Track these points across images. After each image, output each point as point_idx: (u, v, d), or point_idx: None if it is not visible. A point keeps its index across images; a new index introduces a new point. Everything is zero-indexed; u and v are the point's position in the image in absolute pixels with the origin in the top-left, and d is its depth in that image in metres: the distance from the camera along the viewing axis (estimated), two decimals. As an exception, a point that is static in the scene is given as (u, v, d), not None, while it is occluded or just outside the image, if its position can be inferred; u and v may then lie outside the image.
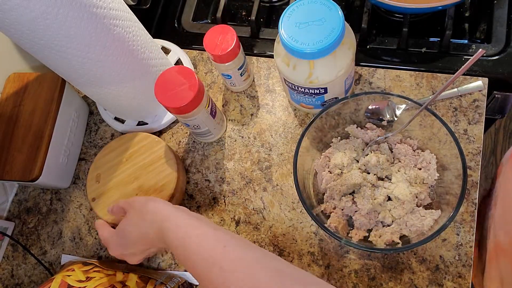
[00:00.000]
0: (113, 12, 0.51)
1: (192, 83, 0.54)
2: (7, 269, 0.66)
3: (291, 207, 0.60)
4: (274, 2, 0.74)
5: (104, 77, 0.55)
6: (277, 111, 0.66)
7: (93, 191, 0.60)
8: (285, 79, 0.55)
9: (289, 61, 0.52)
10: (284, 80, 0.56)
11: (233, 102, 0.68)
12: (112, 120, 0.69)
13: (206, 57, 0.72)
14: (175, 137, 0.68)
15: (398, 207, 0.52)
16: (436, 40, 0.65)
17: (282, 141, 0.64)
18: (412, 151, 0.55)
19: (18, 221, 0.69)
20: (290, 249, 0.58)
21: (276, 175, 0.62)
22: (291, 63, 0.52)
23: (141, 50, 0.57)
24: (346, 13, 0.70)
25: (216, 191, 0.63)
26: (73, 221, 0.67)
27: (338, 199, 0.54)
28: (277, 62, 0.54)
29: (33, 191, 0.70)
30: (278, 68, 0.55)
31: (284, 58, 0.53)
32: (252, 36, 0.72)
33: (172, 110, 0.55)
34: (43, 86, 0.65)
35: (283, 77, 0.55)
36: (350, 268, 0.56)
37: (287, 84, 0.56)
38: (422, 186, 0.53)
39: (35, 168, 0.60)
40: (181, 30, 0.75)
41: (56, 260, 0.65)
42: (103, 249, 0.64)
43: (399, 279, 0.54)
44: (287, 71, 0.53)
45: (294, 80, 0.53)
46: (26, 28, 0.44)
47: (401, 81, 0.63)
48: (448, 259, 0.54)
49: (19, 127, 0.63)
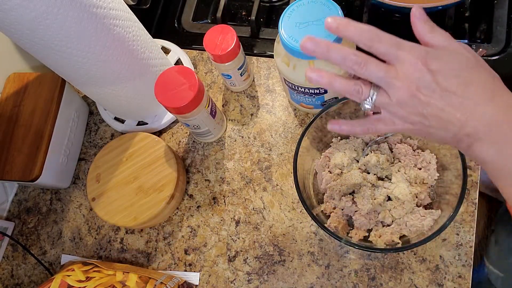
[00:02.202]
0: (113, 12, 0.51)
1: (192, 83, 0.54)
2: (7, 269, 0.66)
3: (291, 207, 0.60)
4: (274, 2, 0.74)
5: (104, 77, 0.55)
6: (277, 111, 0.66)
7: (93, 191, 0.60)
8: (285, 79, 0.55)
9: (289, 61, 0.53)
10: (284, 80, 0.56)
11: (233, 102, 0.68)
12: (112, 120, 0.69)
13: (206, 57, 0.72)
14: (175, 137, 0.68)
15: (398, 207, 0.52)
16: (436, 40, 0.65)
17: (282, 141, 0.64)
18: (412, 151, 0.55)
19: (18, 221, 0.69)
20: (290, 249, 0.58)
21: (276, 175, 0.62)
22: (291, 63, 0.52)
23: (141, 50, 0.57)
24: (346, 13, 0.70)
25: (216, 191, 0.63)
26: (73, 221, 0.67)
27: (338, 199, 0.54)
28: (277, 62, 0.54)
29: (33, 191, 0.70)
30: (278, 68, 0.55)
31: (284, 58, 0.53)
32: (252, 36, 0.72)
33: (172, 110, 0.55)
34: (43, 86, 0.65)
35: (283, 77, 0.55)
36: (350, 268, 0.56)
37: (287, 84, 0.56)
38: (422, 186, 0.53)
39: (35, 168, 0.60)
40: (181, 30, 0.75)
41: (56, 260, 0.65)
42: (103, 249, 0.64)
43: (399, 279, 0.54)
44: (287, 71, 0.53)
45: (294, 80, 0.54)
46: (26, 28, 0.44)
47: (401, 81, 0.63)
48: (448, 259, 0.54)
49: (19, 127, 0.63)
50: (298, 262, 0.57)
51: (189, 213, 0.63)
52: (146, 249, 0.63)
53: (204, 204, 0.63)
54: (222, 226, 0.61)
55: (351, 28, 0.35)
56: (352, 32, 0.35)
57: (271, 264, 0.58)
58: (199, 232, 0.62)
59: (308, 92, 0.55)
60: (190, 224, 0.62)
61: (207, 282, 0.59)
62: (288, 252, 0.58)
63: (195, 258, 0.61)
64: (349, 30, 0.35)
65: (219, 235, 0.61)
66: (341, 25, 0.35)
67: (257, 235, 0.60)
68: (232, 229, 0.61)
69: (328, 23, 0.36)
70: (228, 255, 0.60)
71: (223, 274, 0.59)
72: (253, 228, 0.60)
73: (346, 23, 0.35)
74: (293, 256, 0.58)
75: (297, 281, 0.57)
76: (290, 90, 0.58)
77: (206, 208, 0.63)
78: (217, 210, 0.62)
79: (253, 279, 0.58)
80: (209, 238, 0.61)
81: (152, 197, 0.59)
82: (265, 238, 0.59)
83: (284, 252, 0.58)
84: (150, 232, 0.63)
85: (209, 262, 0.60)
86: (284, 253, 0.58)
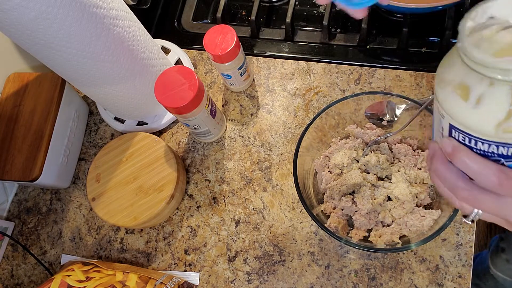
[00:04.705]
0: (113, 12, 0.51)
1: (192, 83, 0.54)
2: (7, 269, 0.66)
3: (291, 207, 0.60)
4: (274, 2, 0.74)
5: (104, 77, 0.55)
6: (277, 111, 0.66)
7: (93, 191, 0.60)
8: (453, 126, 0.30)
9: (469, 91, 0.29)
10: (455, 129, 0.30)
11: (233, 102, 0.68)
12: (112, 120, 0.69)
13: (206, 57, 0.72)
14: (175, 137, 0.68)
15: (398, 207, 0.52)
16: (436, 40, 0.65)
17: (282, 141, 0.64)
18: (412, 151, 0.55)
19: (18, 221, 0.69)
20: (290, 249, 0.58)
21: (276, 175, 0.62)
22: (473, 94, 0.29)
23: (141, 50, 0.57)
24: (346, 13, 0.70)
25: (216, 191, 0.63)
26: (73, 221, 0.67)
27: (338, 199, 0.54)
28: (441, 94, 0.30)
29: (33, 191, 0.70)
30: (440, 107, 0.31)
31: (461, 86, 0.29)
32: (252, 36, 0.72)
33: (172, 110, 0.55)
34: (43, 86, 0.65)
35: (450, 122, 0.30)
36: (350, 268, 0.56)
37: (458, 135, 0.30)
38: (422, 186, 0.53)
39: (35, 168, 0.60)
40: (181, 30, 0.75)
41: (56, 260, 0.65)
42: (103, 249, 0.64)
43: (399, 279, 0.54)
44: (462, 108, 0.29)
45: (472, 125, 0.29)
46: (26, 28, 0.44)
47: (401, 81, 0.63)
48: (448, 259, 0.54)
49: (19, 127, 0.63)
50: (298, 262, 0.57)
51: (189, 213, 0.63)
52: (146, 249, 0.63)
53: (204, 204, 0.63)
54: (222, 226, 0.61)
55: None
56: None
57: (271, 264, 0.58)
58: (199, 232, 0.62)
59: (496, 153, 0.28)
60: (190, 224, 0.62)
61: (207, 282, 0.59)
62: (288, 252, 0.58)
63: (195, 258, 0.61)
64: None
65: (219, 235, 0.61)
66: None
67: (257, 235, 0.60)
68: (232, 229, 0.61)
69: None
70: (228, 255, 0.60)
71: (223, 274, 0.59)
72: (253, 228, 0.60)
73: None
74: (293, 256, 0.58)
75: (297, 281, 0.57)
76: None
77: (206, 208, 0.63)
78: (217, 210, 0.62)
79: (253, 279, 0.58)
80: (209, 238, 0.61)
81: (152, 197, 0.59)
82: (265, 238, 0.59)
83: (284, 252, 0.58)
84: (150, 232, 0.63)
85: (209, 262, 0.60)
86: (284, 253, 0.58)
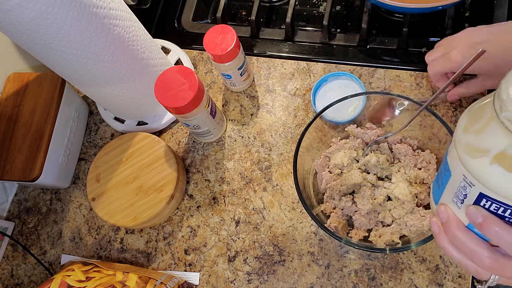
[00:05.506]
0: (113, 12, 0.51)
1: (192, 83, 0.54)
2: (7, 269, 0.66)
3: (291, 207, 0.60)
4: (274, 2, 0.74)
5: (104, 77, 0.55)
6: (277, 111, 0.66)
7: (93, 191, 0.60)
8: (488, 196, 0.28)
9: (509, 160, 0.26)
10: (488, 199, 0.28)
11: (233, 102, 0.68)
12: (112, 120, 0.69)
13: (206, 57, 0.72)
14: (175, 137, 0.68)
15: (398, 207, 0.52)
16: (436, 40, 0.65)
17: (282, 141, 0.64)
18: (412, 151, 0.55)
19: (18, 221, 0.69)
20: (290, 249, 0.58)
21: (276, 175, 0.62)
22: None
23: (141, 50, 0.57)
24: (346, 13, 0.70)
25: (216, 191, 0.63)
26: (73, 221, 0.67)
27: (338, 199, 0.54)
28: (475, 164, 0.28)
29: (33, 191, 0.70)
30: (472, 174, 0.28)
31: (505, 156, 0.26)
32: (252, 36, 0.72)
33: (172, 110, 0.55)
34: (43, 86, 0.65)
35: (490, 191, 0.28)
36: (350, 268, 0.56)
37: (489, 203, 0.29)
38: (422, 186, 0.53)
39: (35, 168, 0.60)
40: (181, 30, 0.75)
41: (56, 260, 0.65)
42: (103, 249, 0.64)
43: (399, 279, 0.54)
44: (506, 179, 0.26)
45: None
46: (26, 28, 0.44)
47: (401, 81, 0.63)
48: (448, 259, 0.54)
49: (19, 127, 0.63)
50: (298, 262, 0.57)
51: (189, 213, 0.63)
52: (146, 249, 0.63)
53: (204, 204, 0.63)
54: (222, 226, 0.61)
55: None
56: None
57: (271, 264, 0.58)
58: (199, 232, 0.62)
59: None
60: (190, 224, 0.62)
61: (207, 282, 0.59)
62: (288, 252, 0.58)
63: (195, 258, 0.61)
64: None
65: (219, 235, 0.61)
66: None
67: (257, 235, 0.60)
68: (232, 229, 0.61)
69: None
70: (228, 255, 0.60)
71: (223, 274, 0.59)
72: (253, 228, 0.60)
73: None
74: (293, 256, 0.58)
75: (297, 281, 0.57)
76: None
77: (206, 208, 0.63)
78: (217, 210, 0.62)
79: (253, 279, 0.58)
80: (209, 238, 0.61)
81: (152, 197, 0.59)
82: (265, 238, 0.59)
83: (284, 252, 0.58)
84: (150, 232, 0.63)
85: (209, 262, 0.60)
86: (284, 253, 0.58)
